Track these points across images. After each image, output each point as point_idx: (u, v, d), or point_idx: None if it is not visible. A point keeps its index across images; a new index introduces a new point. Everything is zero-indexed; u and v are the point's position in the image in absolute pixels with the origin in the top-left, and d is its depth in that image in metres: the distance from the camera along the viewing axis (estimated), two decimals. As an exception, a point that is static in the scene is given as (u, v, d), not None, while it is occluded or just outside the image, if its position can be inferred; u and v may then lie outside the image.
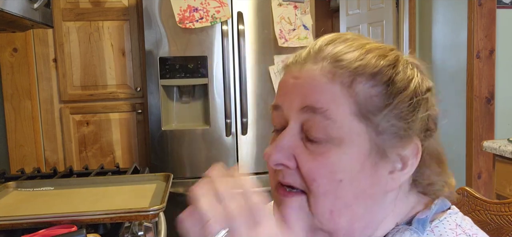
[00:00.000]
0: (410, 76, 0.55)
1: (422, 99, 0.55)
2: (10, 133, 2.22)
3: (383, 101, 0.53)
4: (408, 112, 0.54)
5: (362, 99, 0.53)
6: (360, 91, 0.53)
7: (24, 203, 1.24)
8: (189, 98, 2.23)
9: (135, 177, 1.52)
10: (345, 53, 0.55)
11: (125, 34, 2.28)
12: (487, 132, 2.54)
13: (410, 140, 0.55)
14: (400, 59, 0.57)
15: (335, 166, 0.53)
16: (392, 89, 0.54)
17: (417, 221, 0.57)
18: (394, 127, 0.54)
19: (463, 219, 0.59)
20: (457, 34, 2.69)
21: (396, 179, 0.56)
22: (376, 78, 0.54)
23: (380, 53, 0.55)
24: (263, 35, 2.16)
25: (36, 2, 1.34)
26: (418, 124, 0.55)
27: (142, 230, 1.19)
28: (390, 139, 0.54)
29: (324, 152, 0.53)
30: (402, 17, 3.16)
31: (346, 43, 0.57)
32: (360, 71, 0.53)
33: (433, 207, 0.58)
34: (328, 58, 0.55)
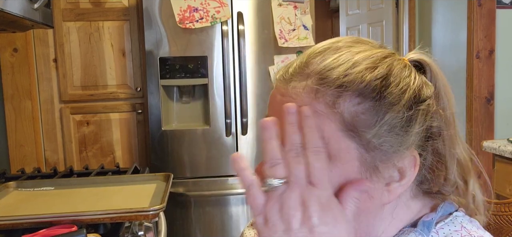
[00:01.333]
0: (403, 87, 0.53)
1: (418, 110, 0.53)
2: (11, 133, 2.22)
3: (372, 118, 0.51)
4: (402, 126, 0.52)
5: (348, 117, 0.51)
6: (345, 109, 0.51)
7: (24, 203, 1.24)
8: (189, 98, 2.23)
9: (135, 177, 1.53)
10: (331, 69, 0.53)
11: (125, 34, 2.28)
12: (486, 132, 2.54)
13: (405, 153, 0.53)
14: (393, 67, 0.54)
15: None
16: (382, 104, 0.51)
17: (423, 223, 0.56)
18: (387, 142, 0.52)
19: (469, 221, 0.58)
20: (457, 34, 2.69)
21: (393, 191, 0.54)
22: (363, 95, 0.51)
23: (369, 65, 0.53)
24: (263, 35, 2.16)
25: (36, 2, 1.34)
26: (414, 137, 0.53)
27: (142, 230, 1.20)
28: (382, 155, 0.52)
29: None
30: (402, 17, 3.16)
31: (335, 53, 0.55)
32: (344, 89, 0.51)
33: (439, 210, 0.57)
34: (312, 75, 0.53)
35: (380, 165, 0.52)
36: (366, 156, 0.52)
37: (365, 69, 0.52)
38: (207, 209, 2.19)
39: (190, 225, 2.18)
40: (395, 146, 0.52)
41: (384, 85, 0.52)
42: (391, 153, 0.52)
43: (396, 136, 0.52)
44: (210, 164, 2.18)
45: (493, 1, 2.49)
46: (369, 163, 0.52)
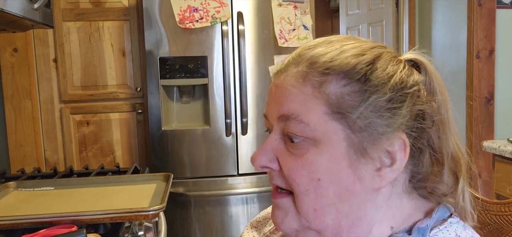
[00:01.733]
0: (390, 72, 0.55)
1: (406, 94, 0.54)
2: (11, 133, 2.22)
3: (357, 98, 0.53)
4: (389, 108, 0.53)
5: (334, 99, 0.53)
6: (332, 91, 0.54)
7: (24, 203, 1.24)
8: (189, 98, 2.23)
9: (135, 177, 1.52)
10: (320, 55, 0.56)
11: (125, 34, 2.28)
12: (486, 132, 2.54)
13: (394, 135, 0.54)
14: (381, 56, 0.56)
15: (313, 166, 0.54)
16: (367, 86, 0.53)
17: (417, 230, 0.56)
18: (373, 124, 0.53)
19: (464, 228, 0.57)
20: (456, 34, 2.69)
21: (384, 176, 0.55)
22: (349, 77, 0.54)
23: (357, 52, 0.55)
24: (263, 35, 2.16)
25: (36, 2, 1.34)
26: (402, 119, 0.54)
27: (142, 230, 1.20)
28: (369, 136, 0.54)
29: (302, 153, 0.55)
30: (402, 17, 3.16)
31: (328, 45, 0.57)
32: (330, 71, 0.54)
33: (434, 215, 0.57)
34: (303, 62, 0.56)
35: (368, 147, 0.54)
36: (353, 137, 0.53)
37: (352, 55, 0.55)
38: (207, 209, 2.19)
39: (190, 225, 2.18)
40: (382, 128, 0.53)
41: (371, 69, 0.54)
42: (378, 135, 0.53)
43: (382, 117, 0.53)
44: (210, 164, 2.18)
45: (493, 1, 2.49)
46: (357, 144, 0.54)
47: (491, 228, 0.84)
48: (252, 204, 2.20)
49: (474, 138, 2.53)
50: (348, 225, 0.56)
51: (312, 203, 0.55)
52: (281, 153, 0.57)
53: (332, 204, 0.55)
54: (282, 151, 0.57)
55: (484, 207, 0.86)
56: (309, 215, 0.56)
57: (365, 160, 0.54)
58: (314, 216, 0.56)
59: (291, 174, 0.56)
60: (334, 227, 0.56)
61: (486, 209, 0.85)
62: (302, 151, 0.55)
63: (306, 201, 0.56)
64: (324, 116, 0.54)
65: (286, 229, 0.59)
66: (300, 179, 0.55)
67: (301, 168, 0.55)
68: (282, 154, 0.57)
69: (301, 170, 0.55)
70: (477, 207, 0.87)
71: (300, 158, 0.55)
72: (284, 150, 0.57)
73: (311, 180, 0.55)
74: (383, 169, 0.55)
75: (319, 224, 0.56)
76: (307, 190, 0.55)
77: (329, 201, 0.55)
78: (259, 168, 0.59)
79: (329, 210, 0.55)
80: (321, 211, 0.55)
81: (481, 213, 0.86)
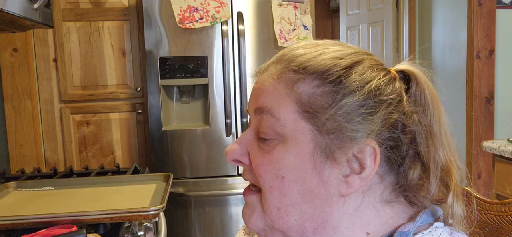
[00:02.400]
0: (367, 79, 0.54)
1: (381, 101, 0.53)
2: (10, 133, 2.22)
3: (328, 100, 0.53)
4: (360, 113, 0.53)
5: (305, 98, 0.54)
6: (304, 91, 0.54)
7: (24, 203, 1.24)
8: (189, 98, 2.23)
9: (135, 177, 1.52)
10: (300, 55, 0.57)
11: (125, 34, 2.28)
12: (487, 132, 2.54)
13: (363, 142, 0.53)
14: (361, 62, 0.55)
15: (278, 163, 0.55)
16: (340, 89, 0.53)
17: (399, 234, 0.54)
18: (342, 127, 0.52)
19: (449, 233, 0.55)
20: (457, 34, 2.69)
21: (352, 182, 0.54)
22: (322, 78, 0.54)
23: (336, 56, 0.55)
24: (263, 35, 2.16)
25: (36, 2, 1.34)
26: (372, 126, 0.53)
27: (142, 230, 1.19)
28: (337, 139, 0.53)
29: (270, 149, 0.56)
30: (402, 17, 3.16)
31: (311, 48, 0.58)
32: (305, 71, 0.55)
33: (418, 220, 0.55)
34: (283, 61, 0.58)
35: (336, 151, 0.53)
36: (321, 139, 0.53)
37: (330, 58, 0.55)
38: (207, 209, 2.19)
39: (190, 225, 2.18)
40: (351, 132, 0.52)
41: (346, 73, 0.54)
42: (346, 139, 0.53)
43: (351, 121, 0.53)
44: (210, 164, 2.18)
45: (493, 1, 2.49)
46: (324, 147, 0.53)
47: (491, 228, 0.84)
48: (252, 204, 2.20)
49: (474, 138, 2.53)
50: (313, 227, 0.56)
51: (276, 201, 0.56)
52: (253, 148, 0.58)
53: (296, 204, 0.55)
54: (254, 146, 0.58)
55: (484, 207, 0.86)
56: (272, 213, 0.56)
57: (332, 164, 0.53)
58: (277, 215, 0.56)
59: (257, 170, 0.57)
60: (298, 228, 0.56)
61: (486, 209, 0.85)
62: (270, 148, 0.56)
63: (270, 198, 0.56)
64: (294, 114, 0.54)
65: (252, 226, 0.59)
66: (266, 175, 0.56)
67: (267, 163, 0.56)
68: (253, 149, 0.58)
69: (267, 165, 0.55)
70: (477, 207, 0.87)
71: (267, 154, 0.56)
72: (256, 145, 0.58)
73: (275, 177, 0.55)
74: (351, 176, 0.54)
75: (282, 223, 0.56)
76: (271, 187, 0.56)
77: (293, 201, 0.55)
78: (231, 161, 0.60)
79: (293, 210, 0.55)
80: (284, 210, 0.55)
81: (481, 213, 0.86)
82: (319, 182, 0.54)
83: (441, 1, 2.85)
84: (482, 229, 0.85)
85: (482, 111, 2.53)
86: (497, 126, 2.56)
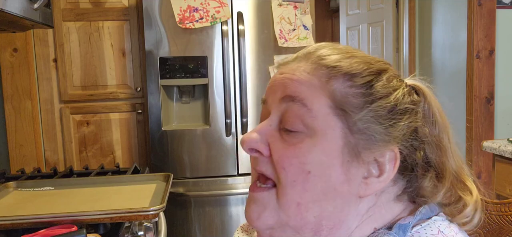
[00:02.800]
0: (394, 86, 0.57)
1: (406, 109, 0.56)
2: (10, 133, 2.22)
3: (361, 102, 0.54)
4: (388, 118, 0.54)
5: (339, 96, 0.54)
6: (337, 88, 0.55)
7: (24, 203, 1.24)
8: (189, 98, 2.23)
9: (135, 177, 1.53)
10: (330, 55, 0.57)
11: (125, 34, 2.28)
12: (486, 132, 2.54)
13: (387, 146, 0.54)
14: (387, 71, 0.58)
15: (305, 157, 0.53)
16: (371, 93, 0.55)
17: (398, 226, 0.55)
18: (371, 129, 0.54)
19: (448, 226, 0.56)
20: (457, 34, 2.69)
21: (370, 185, 0.55)
22: (354, 79, 0.55)
23: (365, 61, 0.57)
24: (263, 35, 2.16)
25: (36, 2, 1.34)
26: (398, 132, 0.55)
27: (142, 230, 1.19)
28: (365, 141, 0.54)
29: (296, 142, 0.54)
30: (402, 17, 3.16)
31: (335, 49, 0.59)
32: (338, 70, 0.55)
33: (418, 214, 0.57)
34: (313, 58, 0.58)
35: (362, 152, 0.54)
36: (351, 138, 0.54)
37: (361, 62, 0.57)
38: (207, 209, 2.19)
39: (190, 225, 2.18)
40: (380, 135, 0.54)
41: (376, 79, 0.56)
42: (374, 141, 0.54)
43: (381, 125, 0.54)
44: (210, 164, 2.17)
45: (493, 1, 2.49)
46: (353, 146, 0.54)
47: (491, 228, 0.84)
48: (252, 204, 2.20)
49: (474, 138, 2.53)
50: (329, 226, 0.55)
51: (296, 196, 0.54)
52: (275, 139, 0.56)
53: (317, 201, 0.54)
54: (276, 137, 0.56)
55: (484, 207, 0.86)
56: (290, 209, 0.55)
57: (357, 164, 0.54)
58: (296, 210, 0.54)
59: (281, 161, 0.55)
60: (315, 225, 0.55)
61: (486, 209, 0.85)
62: (296, 140, 0.54)
63: (291, 193, 0.54)
64: (327, 108, 0.54)
65: (261, 225, 0.57)
66: (290, 168, 0.54)
67: (292, 156, 0.54)
68: (275, 140, 0.56)
69: (293, 158, 0.54)
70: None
71: (292, 146, 0.54)
72: (278, 136, 0.56)
73: (301, 171, 0.54)
74: (370, 178, 0.55)
75: (299, 220, 0.55)
76: (294, 181, 0.54)
77: (315, 197, 0.54)
78: (248, 150, 0.57)
79: (313, 207, 0.54)
80: (304, 206, 0.54)
81: (481, 213, 0.86)
82: (344, 181, 0.54)
83: (441, 1, 2.85)
84: (482, 229, 0.85)
85: (482, 111, 2.53)
86: (497, 126, 2.56)
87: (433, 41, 2.93)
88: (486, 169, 2.50)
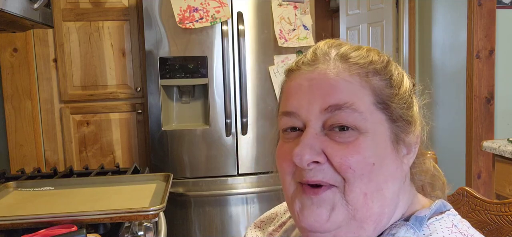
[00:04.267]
0: (401, 72, 0.62)
1: (412, 91, 0.62)
2: (10, 133, 2.22)
3: (392, 91, 0.59)
4: (410, 101, 0.60)
5: (378, 90, 0.57)
6: (375, 83, 0.58)
7: (24, 203, 1.24)
8: (189, 98, 2.23)
9: (135, 177, 1.52)
10: (351, 51, 0.60)
11: (125, 34, 2.28)
12: (486, 132, 2.54)
13: (415, 125, 0.60)
14: (389, 58, 0.63)
15: (367, 151, 0.56)
16: (395, 81, 0.60)
17: (415, 218, 0.58)
18: (404, 114, 0.59)
19: (460, 221, 0.60)
20: (457, 34, 2.69)
21: (406, 163, 0.60)
22: (383, 72, 0.59)
23: (375, 52, 0.62)
24: (263, 35, 2.16)
25: (36, 2, 1.34)
26: (417, 111, 0.61)
27: (142, 230, 1.19)
28: (403, 126, 0.59)
29: (353, 141, 0.56)
30: (402, 17, 3.16)
31: (344, 45, 0.62)
32: (370, 65, 0.59)
33: (433, 207, 0.60)
34: (337, 58, 0.59)
35: (400, 136, 0.59)
36: (393, 127, 0.58)
37: (375, 53, 0.61)
38: (207, 209, 2.19)
39: (190, 225, 2.18)
40: (410, 118, 0.60)
41: (392, 68, 0.61)
42: (407, 124, 0.59)
43: (408, 109, 0.60)
44: (210, 164, 2.17)
45: (493, 1, 2.49)
46: (396, 133, 0.58)
47: (491, 228, 0.84)
48: (252, 204, 2.20)
49: (474, 138, 2.53)
50: (390, 212, 0.58)
51: (363, 188, 0.56)
52: (327, 144, 0.56)
53: (380, 189, 0.56)
54: (328, 142, 0.56)
55: (484, 207, 0.86)
56: (358, 201, 0.56)
57: (400, 147, 0.59)
58: (364, 201, 0.56)
59: (345, 162, 0.55)
60: (378, 216, 0.57)
61: (486, 209, 0.85)
62: (351, 138, 0.56)
63: (359, 186, 0.55)
64: (371, 106, 0.57)
65: (330, 225, 0.56)
66: (357, 165, 0.55)
67: (356, 153, 0.55)
68: (328, 146, 0.56)
69: (356, 155, 0.55)
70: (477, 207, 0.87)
71: (351, 145, 0.55)
72: (328, 140, 0.56)
73: (366, 164, 0.55)
74: (405, 157, 0.60)
75: (366, 211, 0.56)
76: (362, 175, 0.55)
77: (378, 186, 0.56)
78: (306, 166, 0.56)
79: (377, 196, 0.56)
80: (370, 196, 0.56)
81: (481, 213, 0.86)
82: (397, 166, 0.58)
83: (441, 1, 2.85)
84: (482, 229, 0.85)
85: (482, 111, 2.53)
86: (497, 126, 2.56)
87: (433, 41, 2.93)
88: (486, 169, 2.50)
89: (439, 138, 2.81)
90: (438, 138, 2.81)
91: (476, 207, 0.87)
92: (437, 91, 2.84)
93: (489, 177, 2.46)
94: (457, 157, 2.64)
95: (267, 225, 0.80)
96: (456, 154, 2.65)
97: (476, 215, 0.86)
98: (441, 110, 2.81)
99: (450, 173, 2.68)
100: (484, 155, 2.48)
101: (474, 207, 0.87)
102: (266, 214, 0.83)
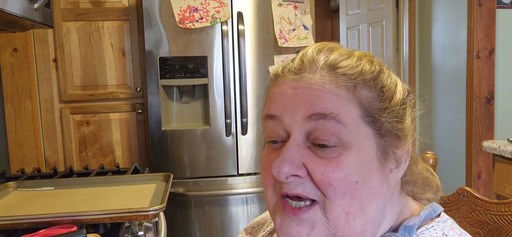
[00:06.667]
0: (394, 81, 0.58)
1: (408, 101, 0.59)
2: (10, 133, 2.22)
3: (382, 104, 0.55)
4: (401, 114, 0.57)
5: (366, 103, 0.54)
6: (364, 95, 0.54)
7: (24, 203, 1.24)
8: (189, 98, 2.23)
9: (135, 177, 1.52)
10: (341, 60, 0.56)
11: (125, 34, 2.28)
12: (486, 132, 2.54)
13: (406, 140, 0.57)
14: (381, 66, 0.59)
15: (350, 169, 0.53)
16: (386, 93, 0.56)
17: (404, 228, 0.56)
18: (394, 128, 0.56)
19: (451, 228, 0.58)
20: (457, 34, 2.69)
21: (393, 177, 0.57)
22: (374, 83, 0.55)
23: (367, 59, 0.57)
24: (263, 35, 2.16)
25: (36, 2, 1.34)
26: (409, 123, 0.58)
27: (142, 230, 1.20)
28: (391, 139, 0.56)
29: (336, 157, 0.53)
30: (402, 17, 3.16)
31: (335, 51, 0.58)
32: (359, 76, 0.55)
33: (422, 214, 0.58)
34: (325, 67, 0.56)
35: (389, 151, 0.56)
36: (380, 141, 0.55)
37: (366, 62, 0.57)
38: (207, 209, 2.19)
39: (190, 225, 2.18)
40: (400, 132, 0.56)
41: (384, 77, 0.57)
42: (396, 138, 0.56)
43: (399, 122, 0.56)
44: (210, 164, 2.17)
45: (493, 1, 2.49)
46: (383, 148, 0.55)
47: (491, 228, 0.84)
48: (252, 204, 2.20)
49: (474, 138, 2.53)
50: (373, 230, 0.56)
51: (346, 206, 0.53)
52: (309, 158, 0.54)
53: (363, 207, 0.54)
54: (310, 156, 0.54)
55: (484, 207, 0.86)
56: (340, 220, 0.53)
57: (386, 163, 0.56)
58: (345, 220, 0.53)
59: (326, 178, 0.53)
60: (360, 233, 0.55)
61: (486, 209, 0.85)
62: (334, 154, 0.53)
63: (340, 204, 0.53)
64: (358, 119, 0.54)
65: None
66: (338, 183, 0.52)
67: (337, 171, 0.52)
68: (310, 159, 0.54)
69: (338, 172, 0.52)
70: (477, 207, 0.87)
71: (333, 161, 0.53)
72: (310, 154, 0.54)
73: (349, 182, 0.53)
74: (392, 171, 0.57)
75: (347, 230, 0.54)
76: (344, 193, 0.53)
77: (361, 204, 0.54)
78: (284, 179, 0.54)
79: (360, 214, 0.54)
80: (352, 215, 0.54)
81: (481, 213, 0.86)
82: (382, 182, 0.55)
83: (441, 1, 2.85)
84: (482, 229, 0.85)
85: (482, 111, 2.53)
86: (497, 126, 2.56)
87: (433, 41, 2.93)
88: (486, 169, 2.50)
89: (439, 138, 2.81)
90: (438, 138, 2.81)
91: (476, 207, 0.87)
92: (437, 91, 2.84)
93: (489, 177, 2.47)
94: (457, 157, 2.64)
95: (257, 231, 0.79)
96: (456, 154, 2.65)
97: (476, 215, 0.86)
98: (441, 110, 2.81)
99: (450, 173, 2.69)
100: (484, 155, 2.48)
101: (474, 207, 0.87)
102: (256, 219, 0.82)
